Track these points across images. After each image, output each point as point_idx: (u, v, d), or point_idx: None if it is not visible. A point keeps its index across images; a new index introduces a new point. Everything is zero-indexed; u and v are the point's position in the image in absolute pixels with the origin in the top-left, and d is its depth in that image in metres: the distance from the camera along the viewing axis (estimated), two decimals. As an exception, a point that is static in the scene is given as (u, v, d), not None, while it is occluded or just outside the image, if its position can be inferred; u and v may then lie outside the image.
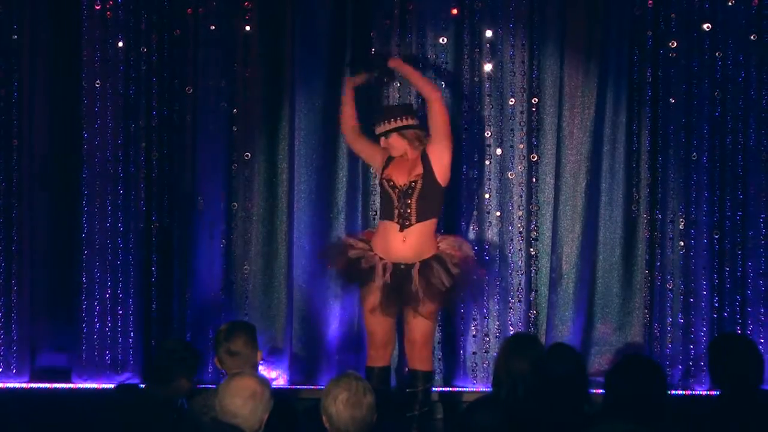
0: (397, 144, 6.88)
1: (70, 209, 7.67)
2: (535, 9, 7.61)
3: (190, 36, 7.65)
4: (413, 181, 6.81)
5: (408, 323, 6.82)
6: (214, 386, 5.62)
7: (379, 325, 6.85)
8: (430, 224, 6.83)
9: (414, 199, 6.80)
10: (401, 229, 6.80)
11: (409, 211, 6.79)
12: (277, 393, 4.75)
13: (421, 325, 6.79)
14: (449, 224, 7.59)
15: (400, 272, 6.76)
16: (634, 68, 7.60)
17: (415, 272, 6.72)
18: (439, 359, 7.64)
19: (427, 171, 6.82)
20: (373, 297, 6.78)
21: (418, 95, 7.35)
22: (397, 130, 6.85)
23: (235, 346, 5.36)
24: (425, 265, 6.75)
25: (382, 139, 6.89)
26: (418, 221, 6.79)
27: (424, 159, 6.83)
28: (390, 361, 7.01)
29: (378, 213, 7.30)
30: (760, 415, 4.82)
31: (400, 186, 6.83)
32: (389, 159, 6.96)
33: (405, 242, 6.78)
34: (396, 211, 6.82)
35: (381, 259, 6.80)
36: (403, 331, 6.97)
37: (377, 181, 7.29)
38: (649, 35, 7.56)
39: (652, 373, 4.56)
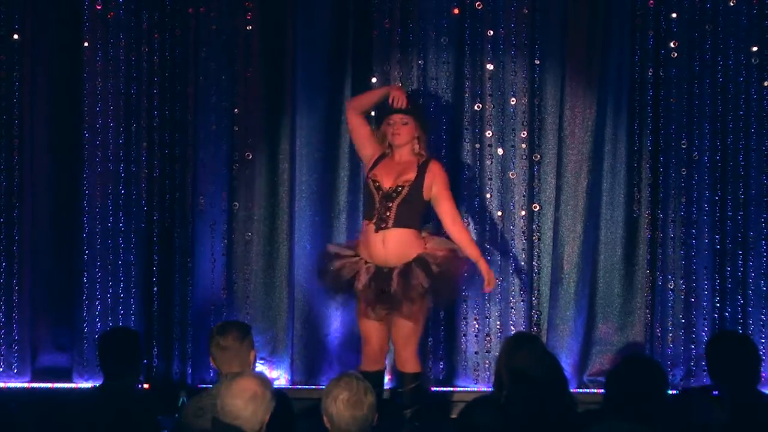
0: (406, 133, 6.77)
1: (71, 209, 7.67)
2: (536, 9, 7.62)
3: (192, 36, 7.65)
4: (400, 186, 6.70)
5: (393, 324, 6.72)
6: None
7: (372, 331, 6.74)
8: (408, 232, 6.67)
9: (396, 204, 6.68)
10: (377, 230, 6.68)
11: (388, 214, 6.66)
12: (275, 391, 4.74)
13: (401, 326, 6.67)
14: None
15: (383, 276, 6.63)
16: (635, 68, 7.60)
17: (395, 275, 6.59)
18: (441, 359, 7.65)
19: (418, 181, 6.71)
20: (363, 302, 6.72)
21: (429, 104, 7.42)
22: (417, 118, 6.77)
23: (224, 341, 5.33)
24: (406, 267, 6.62)
25: (395, 117, 6.76)
26: (395, 226, 6.66)
27: (422, 171, 6.74)
28: (384, 364, 6.88)
29: None
30: (759, 414, 4.83)
31: (385, 189, 6.72)
32: (379, 159, 6.85)
33: (385, 247, 6.66)
34: (376, 213, 6.71)
35: (366, 263, 6.71)
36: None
37: (363, 179, 7.13)
38: (650, 35, 7.57)
39: (653, 373, 4.56)
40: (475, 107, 7.65)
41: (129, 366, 5.48)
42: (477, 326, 7.61)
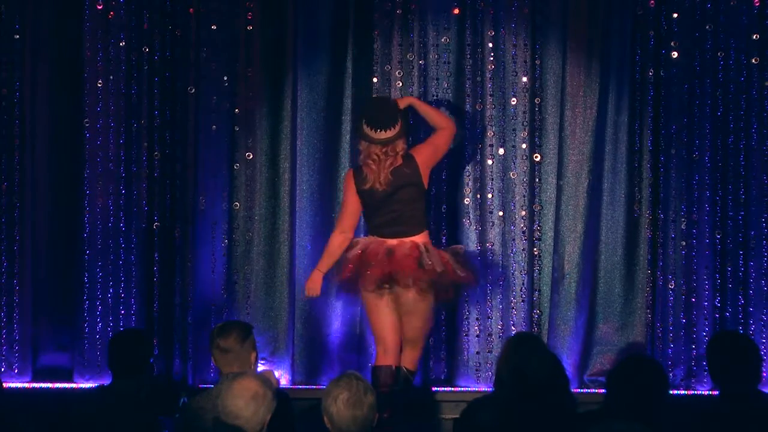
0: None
1: (72, 209, 7.67)
2: (537, 9, 7.62)
3: (192, 36, 7.65)
4: None
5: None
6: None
7: None
8: None
9: None
10: None
11: None
12: (276, 391, 4.74)
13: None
14: (452, 224, 7.61)
15: None
16: (636, 68, 7.60)
17: None
18: (442, 359, 7.65)
19: None
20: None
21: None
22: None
23: (225, 343, 5.32)
24: None
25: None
26: None
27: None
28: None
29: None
30: (759, 414, 4.82)
31: None
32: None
33: None
34: None
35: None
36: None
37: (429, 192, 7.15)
38: (651, 35, 7.57)
39: (654, 373, 4.56)
40: (476, 107, 7.66)
41: (138, 368, 5.48)
42: (478, 326, 7.61)
